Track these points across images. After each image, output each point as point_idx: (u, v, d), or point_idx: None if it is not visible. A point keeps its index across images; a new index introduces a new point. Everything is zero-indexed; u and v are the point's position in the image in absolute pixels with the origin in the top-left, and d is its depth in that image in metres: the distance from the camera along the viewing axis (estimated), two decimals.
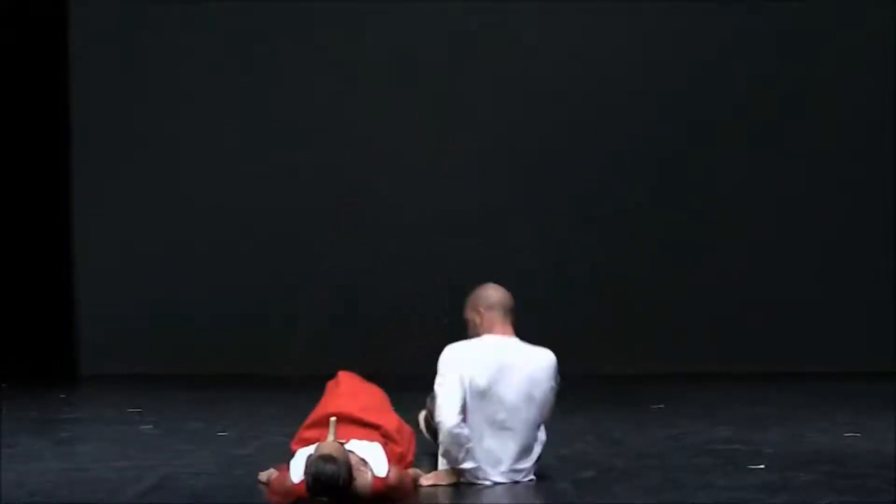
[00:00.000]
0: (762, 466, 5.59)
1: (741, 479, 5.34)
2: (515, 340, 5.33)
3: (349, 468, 4.71)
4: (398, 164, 9.84)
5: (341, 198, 9.79)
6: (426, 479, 5.22)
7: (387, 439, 5.15)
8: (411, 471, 5.20)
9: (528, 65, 9.85)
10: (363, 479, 4.80)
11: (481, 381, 5.16)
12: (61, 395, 8.70)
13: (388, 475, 4.87)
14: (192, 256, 9.88)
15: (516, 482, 5.22)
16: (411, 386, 6.96)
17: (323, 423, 5.12)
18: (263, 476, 5.25)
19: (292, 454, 5.05)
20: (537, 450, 5.31)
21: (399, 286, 9.73)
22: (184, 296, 9.86)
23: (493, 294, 5.38)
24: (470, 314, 5.37)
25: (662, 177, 9.87)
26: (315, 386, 8.51)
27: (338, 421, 4.93)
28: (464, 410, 5.14)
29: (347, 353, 9.48)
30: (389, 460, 4.95)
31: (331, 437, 4.83)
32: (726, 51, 9.84)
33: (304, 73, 9.88)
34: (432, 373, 5.25)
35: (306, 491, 4.73)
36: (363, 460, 4.88)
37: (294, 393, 8.49)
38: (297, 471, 4.84)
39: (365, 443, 5.00)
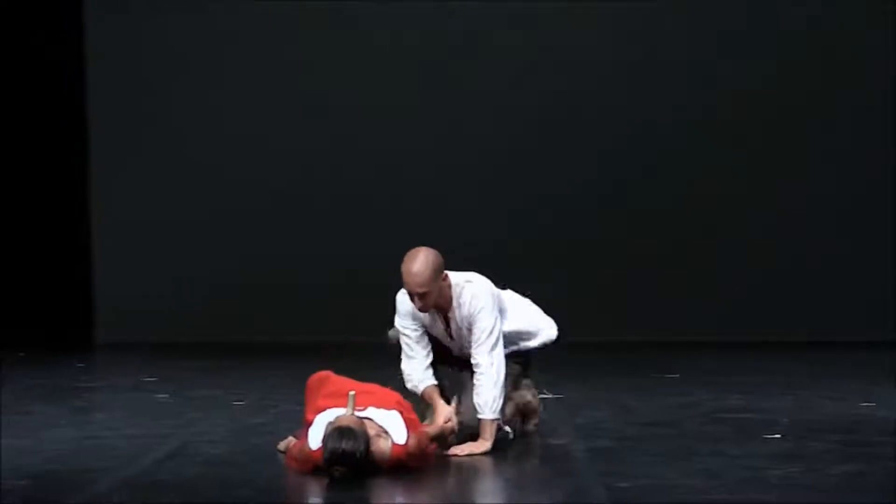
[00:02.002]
0: (777, 436, 5.59)
1: (755, 448, 5.34)
2: None
3: (367, 441, 4.73)
4: (404, 150, 9.86)
5: (351, 176, 9.82)
6: (459, 449, 5.23)
7: (400, 407, 5.16)
8: (428, 428, 5.20)
9: (534, 56, 9.83)
10: (382, 448, 4.82)
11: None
12: (78, 364, 8.75)
13: (407, 442, 4.88)
14: (208, 226, 9.90)
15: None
16: None
17: (339, 394, 5.13)
18: (282, 445, 5.27)
19: (308, 424, 5.06)
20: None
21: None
22: (199, 265, 9.89)
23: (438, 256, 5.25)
24: (435, 284, 5.20)
25: (680, 147, 9.84)
26: (331, 354, 8.58)
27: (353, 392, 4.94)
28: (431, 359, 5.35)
29: (360, 322, 9.50)
30: (408, 427, 4.96)
31: (349, 411, 4.84)
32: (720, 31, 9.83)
33: (319, 58, 9.86)
34: None
35: (323, 462, 4.75)
36: (383, 428, 4.89)
37: (309, 362, 8.51)
38: (315, 438, 4.86)
39: (383, 411, 5.01)
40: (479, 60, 9.82)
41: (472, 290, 5.33)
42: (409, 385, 5.41)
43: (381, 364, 6.21)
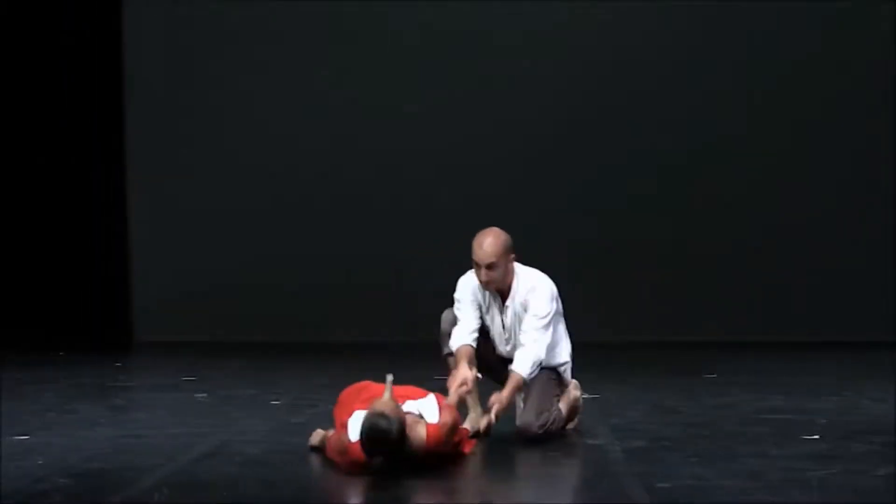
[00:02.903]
0: (817, 437, 5.55)
1: (795, 449, 5.30)
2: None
3: (402, 423, 4.74)
4: (438, 149, 9.88)
5: (382, 177, 9.85)
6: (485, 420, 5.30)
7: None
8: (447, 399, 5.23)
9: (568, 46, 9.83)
10: (419, 433, 4.82)
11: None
12: (116, 363, 8.81)
13: (440, 418, 4.89)
14: (245, 225, 9.95)
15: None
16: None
17: (377, 396, 5.12)
18: (314, 439, 5.28)
19: (343, 425, 5.06)
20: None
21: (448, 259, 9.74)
22: (237, 264, 9.94)
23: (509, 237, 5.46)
24: (504, 261, 5.40)
25: (712, 149, 9.81)
26: (368, 354, 8.60)
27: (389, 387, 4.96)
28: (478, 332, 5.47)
29: (397, 323, 9.53)
30: (441, 408, 4.97)
31: (386, 395, 4.85)
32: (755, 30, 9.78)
33: (335, 60, 9.91)
34: None
35: (361, 448, 4.76)
36: (419, 416, 4.90)
37: (346, 361, 8.54)
38: (354, 430, 4.86)
39: (419, 400, 5.03)
40: (482, 60, 9.81)
41: (533, 283, 5.48)
42: (451, 344, 5.47)
43: (414, 363, 6.23)
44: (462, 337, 5.48)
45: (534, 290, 5.45)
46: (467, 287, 5.53)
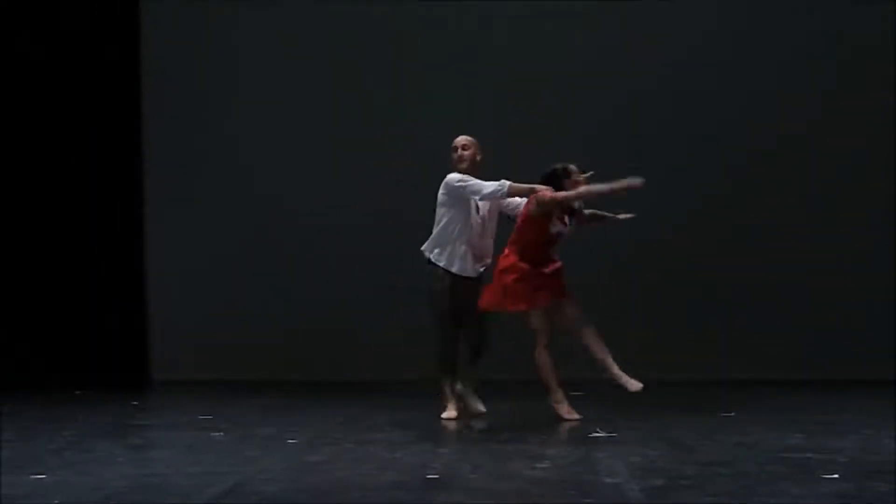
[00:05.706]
0: (836, 476, 5.51)
1: (815, 488, 5.26)
2: None
3: None
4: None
5: (407, 205, 9.83)
6: None
7: None
8: None
9: (587, 64, 9.84)
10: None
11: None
12: (134, 402, 8.82)
13: None
14: (264, 262, 9.97)
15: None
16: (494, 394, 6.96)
17: None
18: None
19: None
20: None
21: None
22: (255, 302, 9.95)
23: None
24: (475, 149, 7.59)
25: (737, 182, 9.80)
26: (386, 392, 8.55)
27: None
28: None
29: (418, 361, 9.49)
30: None
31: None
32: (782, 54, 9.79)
33: (375, 85, 9.95)
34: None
35: None
36: None
37: (364, 399, 8.53)
38: None
39: None
40: (482, 60, 9.81)
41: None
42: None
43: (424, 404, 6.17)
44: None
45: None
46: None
